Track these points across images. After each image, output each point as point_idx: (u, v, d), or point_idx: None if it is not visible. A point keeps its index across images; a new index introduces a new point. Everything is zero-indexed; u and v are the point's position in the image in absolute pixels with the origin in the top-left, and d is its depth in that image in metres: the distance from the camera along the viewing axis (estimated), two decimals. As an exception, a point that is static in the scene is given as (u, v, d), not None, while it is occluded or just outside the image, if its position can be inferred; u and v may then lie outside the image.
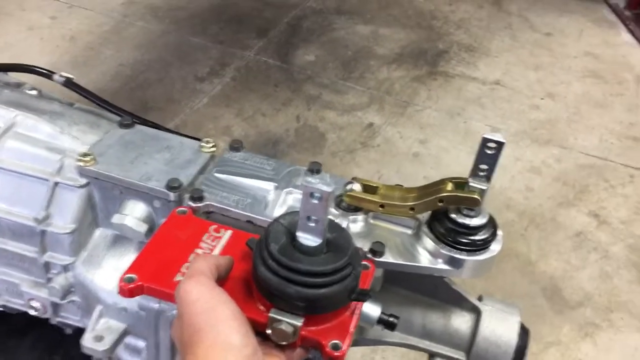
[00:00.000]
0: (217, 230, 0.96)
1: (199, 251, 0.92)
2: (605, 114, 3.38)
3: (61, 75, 1.24)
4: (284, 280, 0.78)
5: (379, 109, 3.33)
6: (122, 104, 1.30)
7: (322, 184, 0.74)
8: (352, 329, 0.84)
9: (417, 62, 3.66)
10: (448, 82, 3.53)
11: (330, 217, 1.00)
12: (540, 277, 2.59)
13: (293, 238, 0.81)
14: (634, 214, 2.88)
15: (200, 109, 3.22)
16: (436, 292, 1.07)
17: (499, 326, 1.04)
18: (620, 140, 3.23)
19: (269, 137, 3.11)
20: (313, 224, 0.78)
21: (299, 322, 0.80)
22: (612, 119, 3.35)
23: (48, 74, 1.26)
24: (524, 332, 1.05)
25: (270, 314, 0.80)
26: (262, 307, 0.83)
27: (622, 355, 2.32)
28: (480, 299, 1.08)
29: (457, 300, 1.07)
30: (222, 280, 0.85)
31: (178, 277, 0.88)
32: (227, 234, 0.95)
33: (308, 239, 0.80)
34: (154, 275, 0.88)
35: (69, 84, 1.24)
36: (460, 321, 1.07)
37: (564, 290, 2.57)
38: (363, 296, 0.83)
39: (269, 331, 0.81)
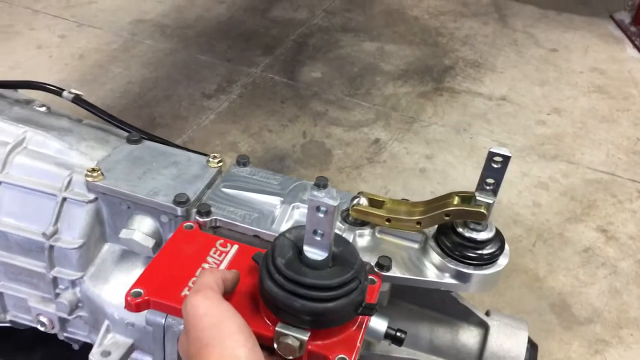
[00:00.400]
0: (223, 245, 0.96)
1: (206, 265, 0.93)
2: (611, 129, 3.37)
3: (70, 92, 1.26)
4: (290, 294, 0.79)
5: (385, 125, 3.34)
6: (130, 121, 1.31)
7: (328, 198, 0.75)
8: (359, 343, 0.84)
9: (423, 78, 3.67)
10: (454, 97, 3.54)
11: (336, 231, 1.00)
12: (549, 292, 2.57)
13: (299, 252, 0.82)
14: (642, 230, 2.86)
15: (207, 126, 3.24)
16: (444, 306, 1.07)
17: (507, 341, 1.04)
18: (627, 156, 3.22)
19: (275, 153, 3.12)
20: (319, 238, 0.79)
21: (305, 337, 0.80)
22: (619, 134, 3.35)
23: (57, 91, 1.27)
24: (532, 347, 1.05)
25: (277, 328, 0.81)
26: (268, 321, 0.83)
27: (633, 372, 2.30)
28: (487, 313, 1.08)
29: (464, 315, 1.06)
30: (228, 294, 0.85)
31: (185, 292, 0.89)
32: (233, 249, 0.96)
33: (314, 253, 0.80)
34: (160, 289, 0.89)
35: (77, 100, 1.25)
36: (468, 336, 1.06)
37: (572, 306, 2.55)
38: (369, 310, 0.83)
39: (275, 345, 0.81)
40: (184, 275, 0.90)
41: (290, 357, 0.81)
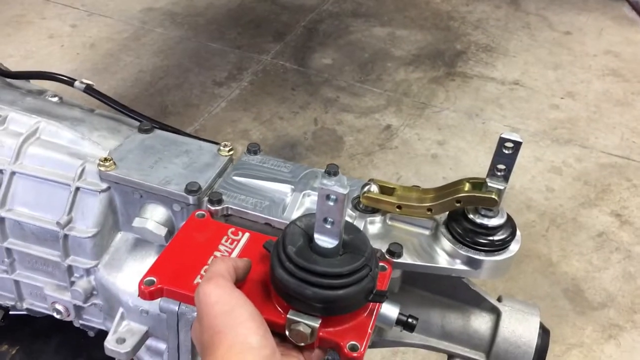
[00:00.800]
0: (235, 233, 0.96)
1: (218, 254, 0.93)
2: (626, 113, 3.34)
3: (82, 82, 1.26)
4: (301, 281, 0.79)
5: (396, 110, 3.33)
6: (141, 110, 1.32)
7: (337, 186, 0.75)
8: (369, 330, 0.84)
9: (434, 64, 3.65)
10: (466, 82, 3.52)
11: (347, 218, 1.01)
12: (562, 278, 2.57)
13: (310, 240, 0.82)
14: (657, 214, 2.85)
15: (218, 114, 3.24)
16: (455, 292, 1.07)
17: (519, 326, 1.03)
18: (642, 139, 3.19)
19: (286, 141, 3.13)
20: (329, 226, 0.79)
21: (316, 323, 0.80)
22: (634, 117, 3.31)
23: (69, 81, 1.28)
24: (544, 333, 1.04)
25: (288, 316, 0.81)
26: (280, 309, 0.84)
27: (647, 356, 2.29)
28: (499, 299, 1.08)
29: (476, 301, 1.06)
30: (240, 282, 0.86)
31: (197, 280, 0.89)
32: (244, 237, 0.96)
33: (325, 241, 0.80)
34: (173, 277, 0.89)
35: (89, 90, 1.26)
36: (480, 322, 1.06)
37: (586, 292, 2.54)
38: (380, 297, 0.83)
39: (287, 332, 0.82)
40: (196, 264, 0.91)
41: (302, 344, 0.82)
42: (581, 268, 2.61)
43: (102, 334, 1.23)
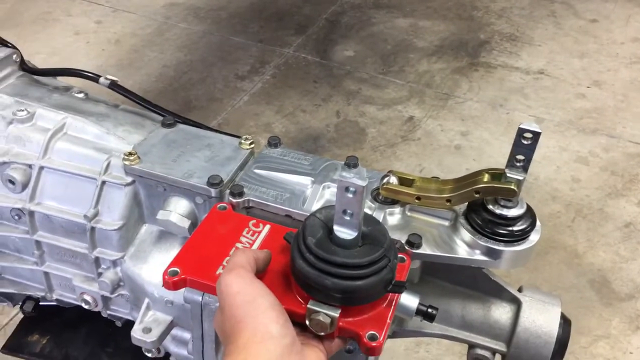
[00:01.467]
0: (256, 225, 0.98)
1: (239, 245, 0.95)
2: (654, 101, 3.29)
3: (106, 78, 1.29)
4: (321, 272, 0.80)
5: (419, 102, 3.32)
6: (166, 104, 1.34)
7: (356, 179, 0.76)
8: (388, 320, 0.85)
9: (457, 54, 3.63)
10: (490, 72, 3.49)
11: (366, 210, 1.02)
12: (588, 269, 2.55)
13: (330, 231, 0.83)
14: (685, 204, 2.80)
15: (241, 107, 3.27)
16: (475, 283, 1.07)
17: (540, 317, 1.03)
18: (670, 128, 3.14)
19: (309, 133, 3.14)
20: (349, 218, 0.80)
21: (336, 313, 0.82)
22: (662, 106, 3.26)
23: (94, 77, 1.31)
24: (565, 323, 1.04)
25: (309, 306, 0.82)
26: (300, 299, 0.85)
27: (674, 348, 2.27)
28: (520, 289, 1.08)
29: (496, 291, 1.07)
30: (260, 273, 0.87)
31: (220, 271, 0.91)
32: (265, 229, 0.98)
33: (344, 232, 0.81)
34: (196, 268, 0.92)
35: (113, 86, 1.28)
36: (500, 312, 1.06)
37: (613, 283, 2.52)
38: (399, 288, 0.84)
39: (307, 322, 0.83)
40: (218, 255, 0.93)
41: (322, 333, 0.83)
42: (608, 259, 2.58)
43: (129, 324, 1.26)
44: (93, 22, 3.86)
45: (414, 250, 0.97)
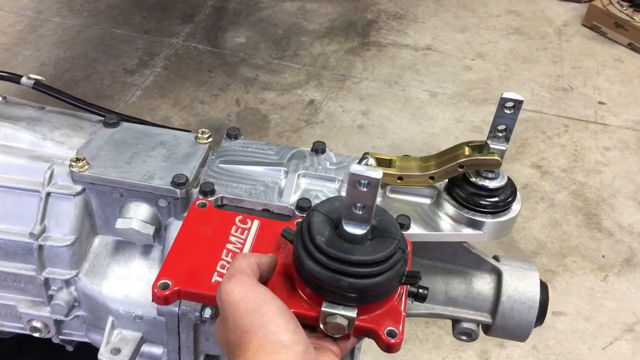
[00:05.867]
0: (243, 222, 0.91)
1: (230, 246, 0.88)
2: (533, 69, 3.50)
3: (29, 78, 1.15)
4: (336, 272, 0.75)
5: (317, 85, 3.31)
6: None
7: (370, 171, 0.70)
8: (403, 312, 0.82)
9: (348, 35, 3.66)
10: (381, 51, 3.55)
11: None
12: (497, 232, 2.67)
13: (335, 227, 0.78)
14: (572, 162, 3.02)
15: (135, 103, 3.09)
16: (455, 258, 1.07)
17: (521, 284, 1.06)
18: (550, 93, 3.36)
19: (210, 124, 3.03)
20: (360, 212, 0.74)
21: (353, 314, 0.76)
22: (540, 73, 3.48)
23: (14, 78, 1.16)
24: (543, 287, 1.07)
25: (323, 309, 0.76)
26: (308, 300, 0.80)
27: (580, 296, 2.44)
28: (497, 259, 1.10)
29: (477, 264, 1.08)
30: (265, 279, 0.81)
31: (216, 278, 0.84)
32: (254, 225, 0.91)
33: (355, 227, 0.76)
34: (189, 278, 0.83)
35: (39, 86, 1.14)
36: (482, 283, 1.08)
37: (519, 242, 2.67)
38: (414, 278, 0.80)
39: (322, 326, 0.77)
40: (209, 260, 0.85)
41: (338, 335, 0.78)
42: (513, 220, 2.72)
43: (82, 347, 1.15)
44: (-50, 21, 3.48)
45: (404, 232, 0.95)
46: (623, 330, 2.32)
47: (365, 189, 0.71)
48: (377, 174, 0.70)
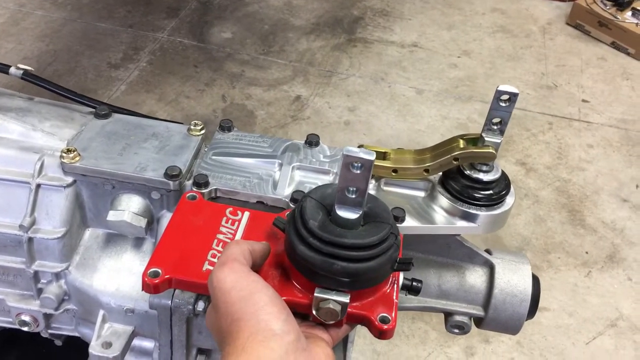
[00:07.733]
0: (233, 213, 0.91)
1: (221, 236, 0.87)
2: (518, 66, 3.52)
3: (18, 68, 1.13)
4: (329, 257, 0.75)
5: (304, 80, 3.30)
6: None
7: (363, 153, 0.71)
8: (395, 299, 0.82)
9: (334, 31, 3.65)
10: (368, 48, 3.55)
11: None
12: (482, 228, 2.69)
13: (328, 212, 0.78)
14: (556, 159, 3.04)
15: (119, 97, 3.06)
16: (448, 251, 1.07)
17: (513, 276, 1.06)
18: (535, 90, 3.39)
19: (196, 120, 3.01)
20: (353, 196, 0.74)
21: (346, 299, 0.76)
22: (525, 70, 3.51)
23: (3, 68, 1.14)
24: (534, 280, 1.08)
25: (316, 294, 0.76)
26: (301, 288, 0.80)
27: (564, 291, 2.46)
28: (489, 252, 1.10)
29: (469, 257, 1.08)
30: (258, 267, 0.80)
31: (206, 266, 0.83)
32: (245, 216, 0.91)
33: (347, 211, 0.76)
34: (180, 266, 0.83)
35: (28, 76, 1.12)
36: (475, 277, 1.08)
37: (504, 238, 2.69)
38: (406, 265, 0.81)
39: (314, 312, 0.77)
40: (200, 249, 0.84)
41: (332, 322, 0.78)
42: (499, 217, 2.74)
43: (71, 341, 1.14)
44: None
45: (398, 224, 0.95)
46: (606, 325, 2.34)
47: (358, 171, 0.71)
48: (370, 155, 0.70)
